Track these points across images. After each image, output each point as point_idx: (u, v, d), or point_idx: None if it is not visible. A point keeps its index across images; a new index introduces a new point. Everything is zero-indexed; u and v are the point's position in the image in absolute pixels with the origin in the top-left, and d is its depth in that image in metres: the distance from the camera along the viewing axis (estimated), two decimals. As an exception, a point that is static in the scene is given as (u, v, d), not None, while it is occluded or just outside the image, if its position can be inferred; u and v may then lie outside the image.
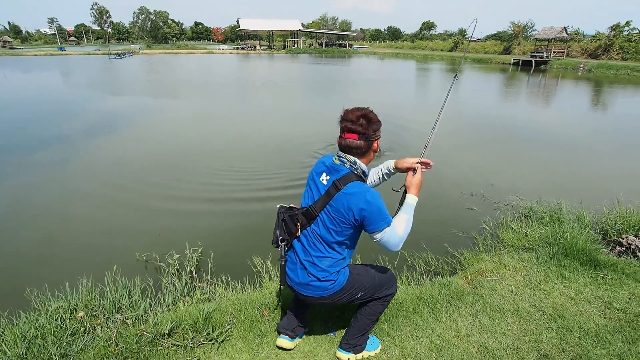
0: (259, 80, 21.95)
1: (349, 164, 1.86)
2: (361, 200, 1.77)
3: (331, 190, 1.84)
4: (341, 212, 1.81)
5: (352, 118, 1.82)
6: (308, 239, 1.94)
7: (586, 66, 31.15)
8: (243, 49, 63.05)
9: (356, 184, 1.82)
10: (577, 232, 3.56)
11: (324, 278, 1.92)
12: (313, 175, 1.98)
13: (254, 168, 6.51)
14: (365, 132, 1.81)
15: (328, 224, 1.87)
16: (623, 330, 2.45)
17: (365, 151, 1.87)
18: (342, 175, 1.83)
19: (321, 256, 1.92)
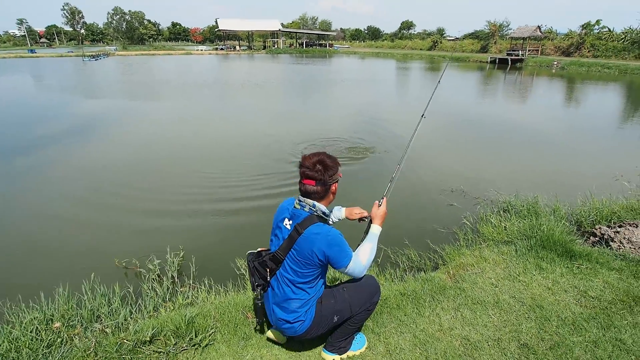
0: (239, 80, 21.76)
1: (309, 207, 1.95)
2: (323, 243, 1.87)
3: (293, 235, 1.93)
4: (305, 254, 1.89)
5: (308, 165, 1.91)
6: (278, 282, 2.03)
7: (559, 64, 32.15)
8: (222, 49, 62.37)
9: (317, 226, 1.90)
10: (553, 225, 3.66)
11: (293, 320, 2.01)
12: (277, 220, 2.06)
13: (235, 170, 6.45)
14: (321, 178, 1.91)
15: (294, 267, 1.95)
16: (598, 318, 2.53)
17: (323, 195, 1.97)
18: (303, 219, 1.93)
19: (289, 299, 1.99)
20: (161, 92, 17.13)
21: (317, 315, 2.04)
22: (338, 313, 2.08)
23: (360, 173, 6.24)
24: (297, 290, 1.98)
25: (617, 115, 12.53)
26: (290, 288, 1.98)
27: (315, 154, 1.97)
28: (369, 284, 2.17)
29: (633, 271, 3.03)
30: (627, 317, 2.53)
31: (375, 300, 2.15)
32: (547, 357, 2.21)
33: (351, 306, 2.09)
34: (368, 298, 2.12)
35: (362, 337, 2.37)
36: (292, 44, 72.43)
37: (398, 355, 2.26)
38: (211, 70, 30.55)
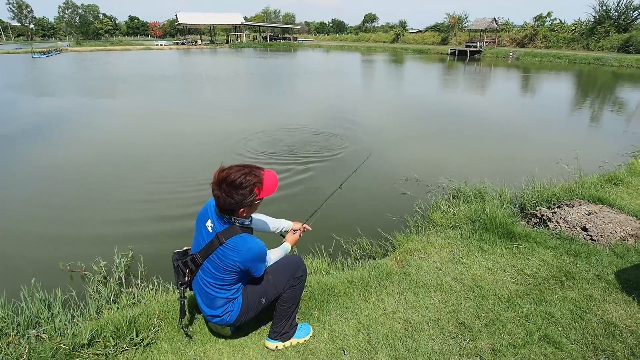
0: (200, 75, 21.19)
1: (227, 218, 1.91)
2: (247, 257, 1.89)
3: (214, 242, 1.90)
4: (225, 263, 1.90)
5: (214, 183, 1.84)
6: (200, 283, 2.04)
7: (515, 54, 33.51)
8: (184, 44, 60.40)
9: (241, 239, 1.89)
10: (496, 208, 3.82)
11: (222, 313, 2.04)
12: (200, 219, 2.03)
13: (188, 169, 6.29)
14: (221, 203, 1.85)
15: (213, 271, 1.96)
16: (531, 294, 2.67)
17: (232, 210, 1.89)
18: (224, 229, 1.90)
19: (213, 297, 2.01)
20: (116, 89, 16.41)
21: (244, 302, 2.07)
22: (264, 295, 2.12)
23: (313, 170, 6.26)
24: (219, 290, 1.99)
25: (565, 103, 13.24)
26: (212, 289, 1.99)
27: (236, 168, 1.83)
28: (290, 262, 2.22)
29: (566, 248, 3.22)
30: (558, 292, 2.69)
31: (298, 275, 2.18)
32: (482, 334, 2.31)
33: (275, 285, 2.13)
34: (290, 274, 2.16)
35: (307, 326, 2.39)
36: (255, 37, 71.24)
37: (341, 342, 2.29)
38: (171, 65, 29.54)
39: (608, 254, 3.11)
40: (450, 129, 9.04)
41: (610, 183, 4.69)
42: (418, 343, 2.24)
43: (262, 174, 1.89)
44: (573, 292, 2.67)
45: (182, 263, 2.05)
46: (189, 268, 2.03)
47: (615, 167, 5.47)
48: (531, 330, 2.31)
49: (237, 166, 1.86)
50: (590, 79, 20.99)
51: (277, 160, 6.50)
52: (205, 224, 1.97)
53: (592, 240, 3.37)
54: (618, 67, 25.74)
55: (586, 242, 3.31)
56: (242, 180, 1.79)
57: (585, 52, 33.03)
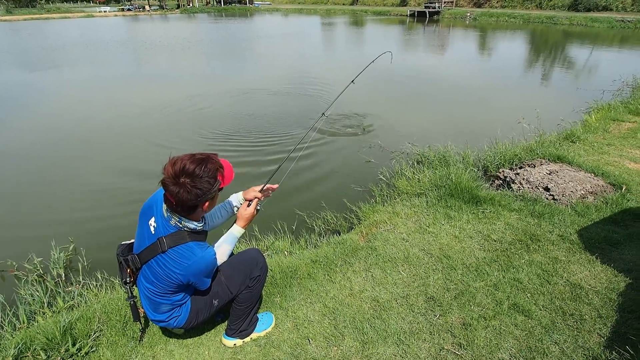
0: (152, 44, 19.58)
1: (174, 221, 1.61)
2: (189, 270, 1.62)
3: (155, 247, 1.63)
4: (166, 273, 1.64)
5: (168, 178, 1.49)
6: (143, 285, 1.76)
7: (472, 14, 33.58)
8: (130, 10, 55.55)
9: (185, 248, 1.61)
10: (461, 173, 3.73)
11: (167, 318, 1.79)
12: (144, 213, 1.73)
13: (138, 148, 5.77)
14: (183, 198, 1.49)
15: (152, 279, 1.70)
16: (499, 260, 2.61)
17: (189, 213, 1.61)
18: (169, 234, 1.61)
19: (157, 303, 1.75)
20: (58, 61, 14.83)
21: (194, 306, 1.83)
22: (216, 297, 1.86)
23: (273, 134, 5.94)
24: (162, 298, 1.74)
25: (521, 63, 13.43)
26: (153, 295, 1.73)
27: (189, 157, 1.51)
28: (246, 259, 1.93)
29: (530, 210, 3.19)
30: (524, 256, 2.64)
31: (254, 275, 1.90)
32: (452, 307, 2.22)
33: (229, 288, 1.87)
34: (246, 275, 1.88)
35: (269, 316, 2.19)
36: (209, 1, 66.83)
37: (306, 329, 2.12)
38: (118, 34, 27.10)
39: (570, 213, 3.11)
40: (411, 92, 8.89)
41: (568, 141, 4.74)
42: (387, 324, 2.11)
43: (218, 159, 1.61)
44: (539, 255, 2.64)
45: (124, 260, 1.76)
46: (130, 268, 1.75)
47: (571, 124, 5.56)
48: (500, 300, 2.24)
49: (188, 155, 1.54)
50: (543, 37, 21.44)
51: (234, 129, 6.09)
52: (149, 221, 1.67)
53: (554, 200, 3.36)
54: (569, 25, 26.46)
55: (549, 203, 3.30)
56: (203, 169, 1.51)
57: (539, 10, 33.60)
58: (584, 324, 2.05)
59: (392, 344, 1.99)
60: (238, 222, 1.89)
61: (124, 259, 1.75)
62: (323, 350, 1.99)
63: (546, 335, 1.99)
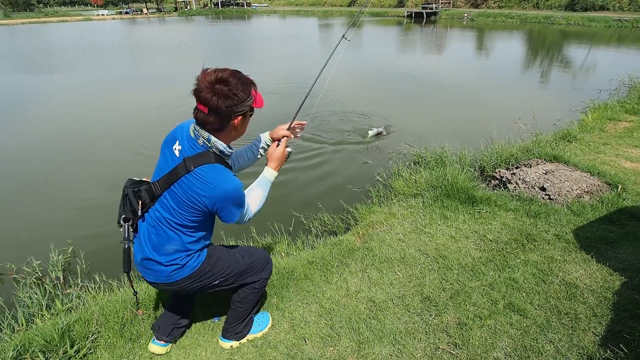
0: (150, 46, 19.59)
1: (202, 140, 1.51)
2: (217, 194, 1.50)
3: (180, 169, 1.51)
4: (190, 196, 1.51)
5: (203, 85, 1.42)
6: (152, 219, 1.62)
7: (469, 15, 33.67)
8: (127, 13, 55.66)
9: (212, 168, 1.50)
10: (457, 173, 3.74)
11: (167, 262, 1.62)
12: (165, 145, 1.63)
13: (136, 148, 5.78)
14: (216, 106, 1.42)
15: (173, 206, 1.56)
16: (494, 260, 2.62)
17: (219, 128, 1.51)
18: (196, 154, 1.51)
19: (166, 238, 1.60)
20: (57, 64, 14.83)
21: (204, 267, 1.70)
22: (222, 276, 1.77)
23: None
24: (176, 231, 1.59)
25: (519, 62, 13.46)
26: (168, 227, 1.59)
27: (221, 69, 1.45)
28: (260, 257, 1.94)
29: (526, 210, 3.20)
30: (520, 256, 2.65)
31: (264, 276, 1.92)
32: (448, 307, 2.23)
33: (240, 273, 1.83)
34: (259, 270, 1.90)
35: (266, 316, 2.20)
36: (206, 4, 66.90)
37: (302, 330, 2.13)
38: (116, 36, 27.12)
39: (566, 213, 3.12)
40: (409, 92, 8.91)
41: (564, 140, 4.75)
42: (383, 324, 2.12)
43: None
44: (534, 255, 2.64)
45: (133, 192, 1.61)
46: (143, 200, 1.60)
47: (567, 124, 5.58)
48: (496, 299, 2.25)
49: (221, 68, 1.48)
50: (540, 37, 21.50)
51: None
52: (172, 147, 1.57)
53: (550, 199, 3.38)
54: (566, 25, 26.54)
55: (545, 202, 3.32)
56: (239, 78, 1.46)
57: (536, 10, 33.69)
58: (579, 323, 2.06)
59: (388, 344, 2.00)
60: (269, 164, 1.81)
61: (133, 190, 1.61)
62: (319, 350, 1.99)
63: (541, 334, 2.00)
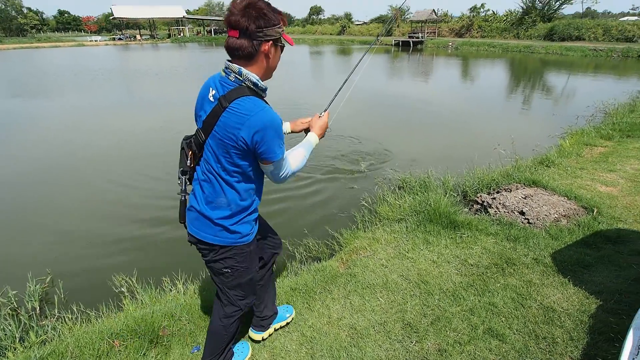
0: (143, 71, 19.83)
1: (234, 75, 1.48)
2: (253, 122, 1.43)
3: (217, 109, 1.48)
4: (228, 134, 1.46)
5: (234, 9, 1.40)
6: (203, 171, 1.62)
7: (454, 44, 34.97)
8: (121, 39, 56.55)
9: (246, 100, 1.45)
10: (440, 198, 3.82)
11: (217, 219, 1.61)
12: (200, 94, 1.62)
13: (130, 171, 5.78)
14: (247, 26, 1.39)
15: (217, 151, 1.53)
16: (475, 284, 2.66)
17: (250, 54, 1.46)
18: (229, 90, 1.47)
19: (215, 190, 1.59)
20: (49, 88, 14.88)
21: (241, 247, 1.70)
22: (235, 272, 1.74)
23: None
24: (225, 185, 1.57)
25: (500, 90, 13.94)
26: (217, 179, 1.57)
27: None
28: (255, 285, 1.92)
29: (506, 234, 3.27)
30: (500, 280, 2.69)
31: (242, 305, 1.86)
32: (428, 333, 2.24)
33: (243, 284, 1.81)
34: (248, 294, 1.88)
35: (245, 346, 2.17)
36: (199, 31, 68.48)
37: (283, 359, 2.11)
38: (109, 62, 27.42)
39: (544, 237, 3.19)
40: (396, 118, 9.12)
41: (543, 165, 4.90)
42: (364, 351, 2.12)
43: None
44: (514, 279, 2.69)
45: (186, 143, 1.64)
46: (192, 149, 1.61)
47: (547, 149, 5.76)
48: (476, 324, 2.27)
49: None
50: (522, 65, 22.36)
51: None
52: (208, 95, 1.53)
53: (529, 223, 3.45)
54: (545, 54, 27.69)
55: (524, 226, 3.39)
56: (264, 9, 1.43)
57: (516, 40, 35.19)
58: (556, 347, 2.09)
59: (368, 372, 1.99)
60: (313, 130, 1.89)
61: (186, 142, 1.64)
62: (299, 380, 1.97)
63: (520, 359, 2.02)
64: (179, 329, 2.32)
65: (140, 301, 2.80)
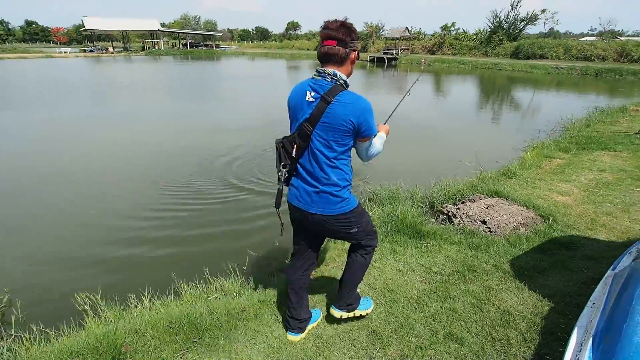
0: (117, 83, 19.47)
1: (330, 77, 1.85)
2: (357, 107, 1.82)
3: (321, 105, 1.82)
4: (338, 121, 1.82)
5: (332, 26, 1.82)
6: (310, 159, 1.95)
7: (427, 61, 36.20)
8: (92, 51, 55.39)
9: (347, 93, 1.84)
10: (407, 209, 3.94)
11: (335, 192, 1.95)
12: (295, 100, 1.94)
13: (93, 190, 5.65)
14: (343, 38, 1.81)
15: (325, 137, 1.87)
16: (437, 291, 2.76)
17: (343, 59, 1.86)
18: (329, 89, 1.83)
19: (328, 170, 1.92)
20: (13, 101, 14.36)
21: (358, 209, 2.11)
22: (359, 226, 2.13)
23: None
24: (333, 164, 1.92)
25: (470, 104, 14.52)
26: (325, 162, 1.91)
27: (338, 20, 1.87)
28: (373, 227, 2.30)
29: (469, 242, 3.41)
30: (461, 286, 2.80)
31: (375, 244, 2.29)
32: (392, 340, 2.31)
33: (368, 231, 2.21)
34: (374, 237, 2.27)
35: (368, 300, 2.51)
36: (174, 44, 68.04)
37: (249, 371, 2.12)
38: (79, 74, 26.76)
39: (504, 244, 3.35)
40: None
41: (505, 176, 5.14)
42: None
43: None
44: (474, 285, 2.81)
45: (287, 141, 1.95)
46: (297, 144, 1.92)
47: (510, 161, 6.04)
48: (437, 330, 2.36)
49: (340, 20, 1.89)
50: (490, 82, 23.38)
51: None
52: (306, 97, 1.87)
53: (490, 232, 3.62)
54: (511, 71, 29.06)
55: (485, 235, 3.55)
56: (353, 28, 1.86)
57: (485, 58, 36.80)
58: (511, 348, 2.20)
59: (332, 379, 2.03)
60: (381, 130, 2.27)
61: (288, 140, 1.95)
62: (264, 390, 1.99)
63: (476, 362, 2.11)
64: (142, 345, 2.29)
65: (104, 318, 2.75)
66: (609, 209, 4.06)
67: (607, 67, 25.85)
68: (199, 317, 2.51)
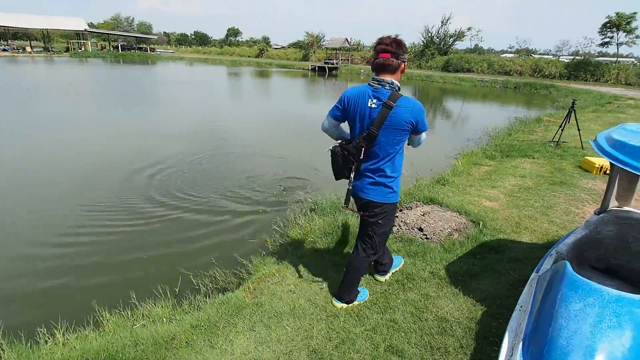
0: (34, 86, 17.51)
1: (388, 85, 2.16)
2: (416, 109, 2.16)
3: (384, 111, 2.13)
4: (400, 122, 2.15)
5: (385, 42, 2.15)
6: (373, 158, 2.29)
7: (365, 71, 37.47)
8: (6, 50, 49.85)
9: (405, 98, 2.14)
10: (347, 218, 3.93)
11: (389, 183, 2.33)
12: (356, 103, 2.23)
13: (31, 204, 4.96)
14: (396, 51, 2.14)
15: (390, 137, 2.20)
16: (378, 302, 2.75)
17: (395, 69, 2.17)
18: (390, 95, 2.13)
19: (385, 165, 2.29)
20: None
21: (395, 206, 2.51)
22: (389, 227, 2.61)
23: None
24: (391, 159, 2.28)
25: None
26: (386, 159, 2.26)
27: (390, 36, 2.21)
28: None
29: (407, 250, 3.47)
30: (400, 296, 2.82)
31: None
32: (333, 357, 2.24)
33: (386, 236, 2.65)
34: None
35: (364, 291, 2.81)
36: (104, 46, 63.50)
37: (177, 408, 1.92)
38: (-15, 76, 23.71)
39: (439, 251, 3.45)
40: (310, 141, 9.33)
41: (440, 184, 5.37)
42: (266, 386, 2.02)
43: None
44: (413, 293, 2.84)
45: (353, 147, 2.26)
46: (364, 146, 2.22)
47: (443, 169, 6.35)
48: (378, 343, 2.33)
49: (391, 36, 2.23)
50: (424, 93, 24.77)
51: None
52: (368, 104, 2.18)
53: (427, 239, 3.72)
54: (443, 83, 31.09)
55: (422, 242, 3.64)
56: (403, 43, 2.18)
57: (419, 70, 39.01)
58: (448, 357, 2.23)
59: (271, 408, 1.90)
60: None
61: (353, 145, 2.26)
62: None
63: (416, 373, 2.10)
64: (50, 390, 1.98)
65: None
66: (530, 213, 4.39)
67: (524, 81, 28.66)
68: (121, 350, 2.25)
